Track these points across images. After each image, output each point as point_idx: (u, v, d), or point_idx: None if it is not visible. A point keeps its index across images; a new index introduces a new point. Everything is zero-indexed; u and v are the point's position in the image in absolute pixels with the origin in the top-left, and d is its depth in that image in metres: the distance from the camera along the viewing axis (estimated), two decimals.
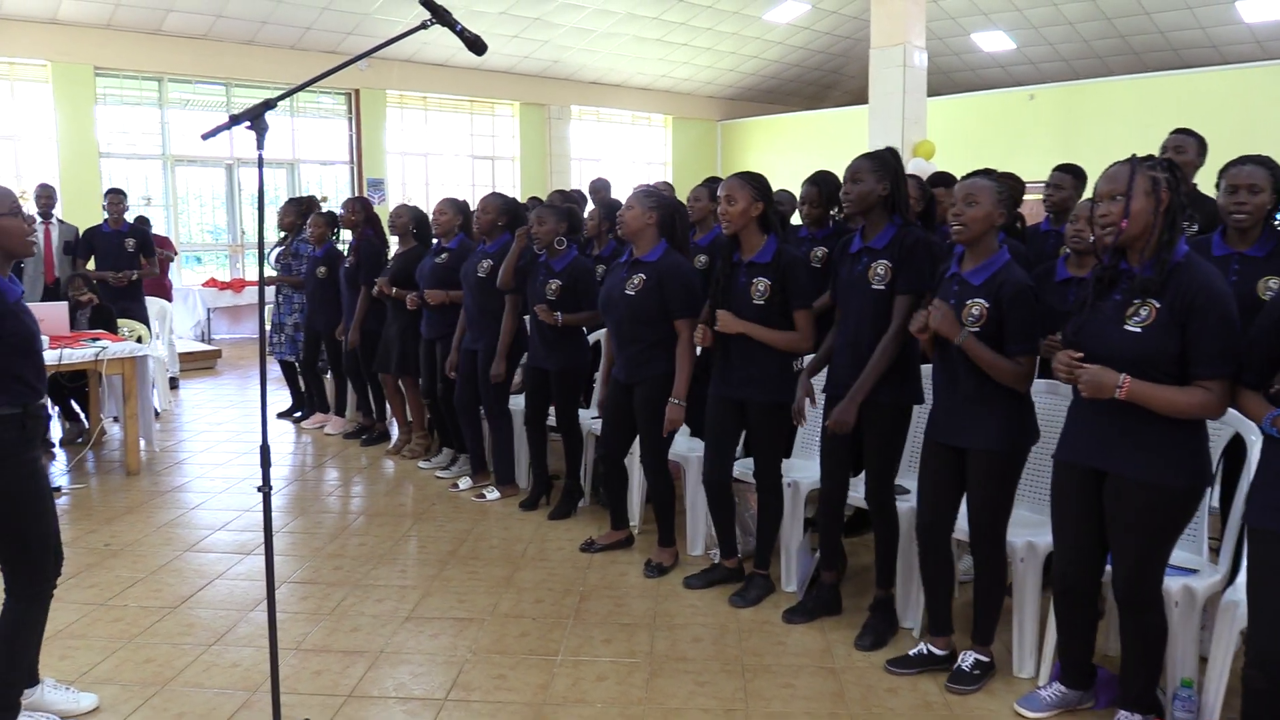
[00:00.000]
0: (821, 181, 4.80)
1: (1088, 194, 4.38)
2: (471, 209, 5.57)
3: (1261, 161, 3.39)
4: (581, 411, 5.17)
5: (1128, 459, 2.69)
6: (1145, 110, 12.68)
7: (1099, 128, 13.05)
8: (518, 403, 5.36)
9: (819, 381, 3.77)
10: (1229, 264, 3.42)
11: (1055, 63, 15.74)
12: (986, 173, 3.39)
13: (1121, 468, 2.71)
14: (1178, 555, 3.09)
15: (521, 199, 9.11)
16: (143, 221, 9.67)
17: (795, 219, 6.00)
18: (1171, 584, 2.89)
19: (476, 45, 2.86)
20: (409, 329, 5.92)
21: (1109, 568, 2.89)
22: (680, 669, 3.35)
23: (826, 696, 3.17)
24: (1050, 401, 3.52)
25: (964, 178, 3.34)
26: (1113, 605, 3.35)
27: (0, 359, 2.71)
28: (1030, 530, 3.37)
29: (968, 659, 3.25)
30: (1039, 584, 3.31)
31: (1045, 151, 12.75)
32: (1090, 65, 15.40)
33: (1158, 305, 2.61)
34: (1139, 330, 2.62)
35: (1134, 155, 2.72)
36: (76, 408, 6.82)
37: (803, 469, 4.15)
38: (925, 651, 3.35)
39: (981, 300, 3.06)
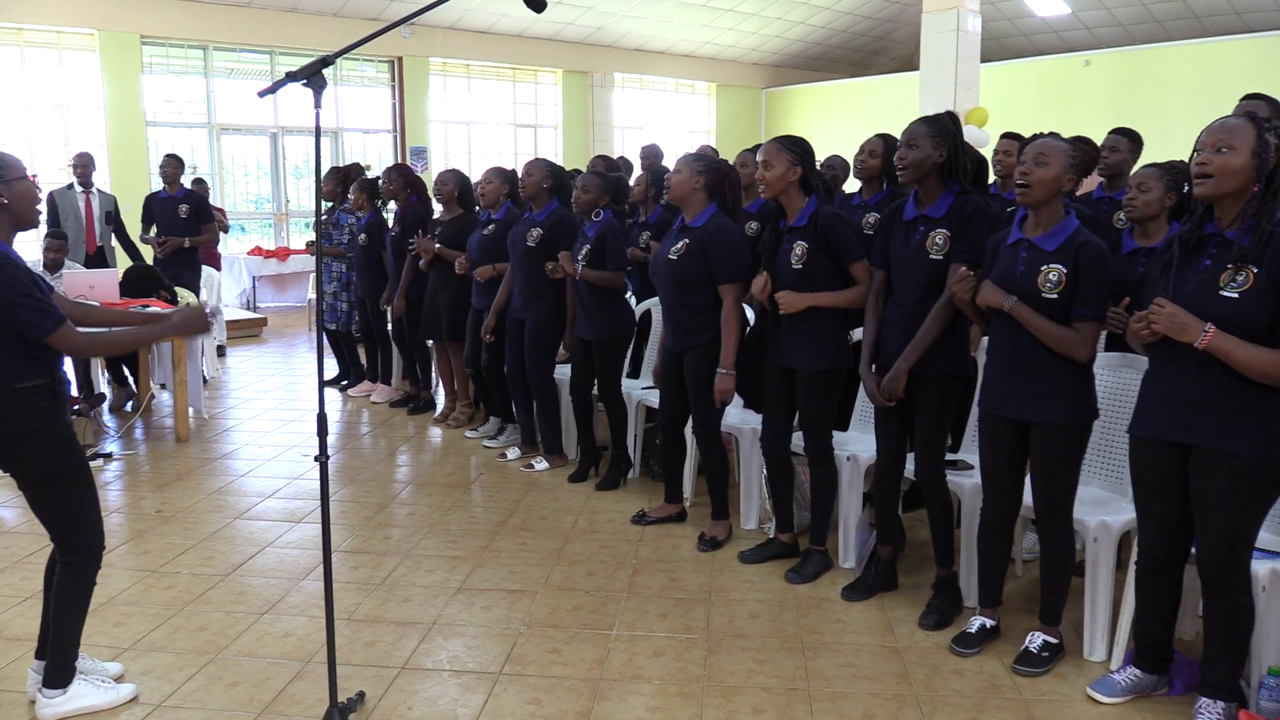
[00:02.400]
0: (889, 138, 4.69)
1: (1143, 160, 4.24)
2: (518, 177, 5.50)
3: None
4: (627, 381, 5.09)
5: (1217, 431, 2.58)
6: (1207, 77, 12.27)
7: (1158, 95, 12.66)
8: (564, 373, 5.29)
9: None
10: None
11: (1112, 28, 15.28)
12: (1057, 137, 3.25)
13: (1210, 440, 2.59)
14: (1265, 538, 2.97)
15: (565, 167, 9.00)
16: (200, 186, 9.71)
17: (848, 186, 5.87)
18: (1259, 567, 2.76)
19: (536, 2, 2.77)
20: (460, 296, 5.87)
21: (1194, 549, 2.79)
22: (738, 646, 3.28)
23: (890, 677, 3.08)
24: (1118, 376, 3.39)
25: (1032, 137, 3.22)
26: (1189, 588, 3.24)
27: None
28: (1104, 509, 3.25)
29: (1035, 640, 3.14)
30: (1112, 564, 3.19)
31: (1101, 119, 12.37)
32: (1148, 30, 14.93)
33: (1254, 270, 2.51)
34: (1236, 295, 2.52)
35: (1250, 111, 2.61)
36: (126, 373, 6.87)
37: (861, 442, 4.04)
38: (986, 625, 3.26)
39: (1059, 265, 2.94)
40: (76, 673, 2.88)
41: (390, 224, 6.62)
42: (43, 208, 2.92)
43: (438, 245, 5.78)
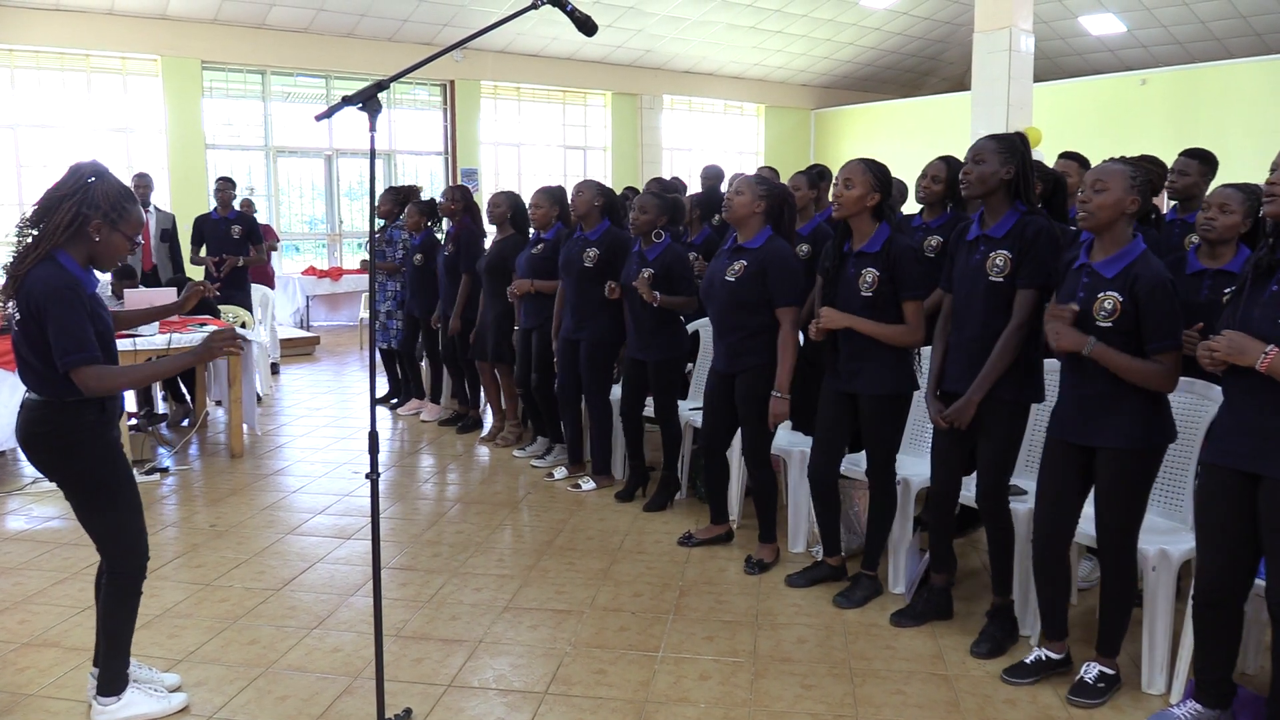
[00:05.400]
0: (953, 161, 4.64)
1: (1217, 181, 4.14)
2: (567, 198, 5.54)
3: None
4: (679, 403, 5.08)
5: None
6: (1268, 94, 12.04)
7: (1217, 113, 12.44)
8: (615, 393, 5.30)
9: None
10: None
11: (1169, 46, 15.06)
12: (1122, 159, 3.19)
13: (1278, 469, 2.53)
14: None
15: (614, 189, 9.05)
16: (247, 205, 9.92)
17: (905, 208, 5.84)
18: None
19: (587, 25, 2.80)
20: (504, 317, 5.92)
21: (1258, 580, 2.70)
22: (785, 670, 3.24)
23: (940, 705, 3.02)
24: (1190, 401, 3.30)
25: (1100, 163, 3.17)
26: (1255, 621, 3.15)
27: None
28: (1163, 537, 3.17)
29: (1091, 671, 3.07)
30: (1172, 594, 3.10)
31: (1158, 139, 12.21)
32: (1207, 48, 14.69)
33: None
34: None
35: None
36: (184, 389, 7.01)
37: (912, 466, 3.99)
38: (1042, 657, 3.18)
39: (1114, 294, 2.87)
40: (130, 681, 2.94)
41: (443, 243, 6.68)
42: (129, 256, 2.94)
43: (533, 283, 5.53)
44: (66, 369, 2.63)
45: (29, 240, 2.71)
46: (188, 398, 7.03)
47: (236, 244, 7.81)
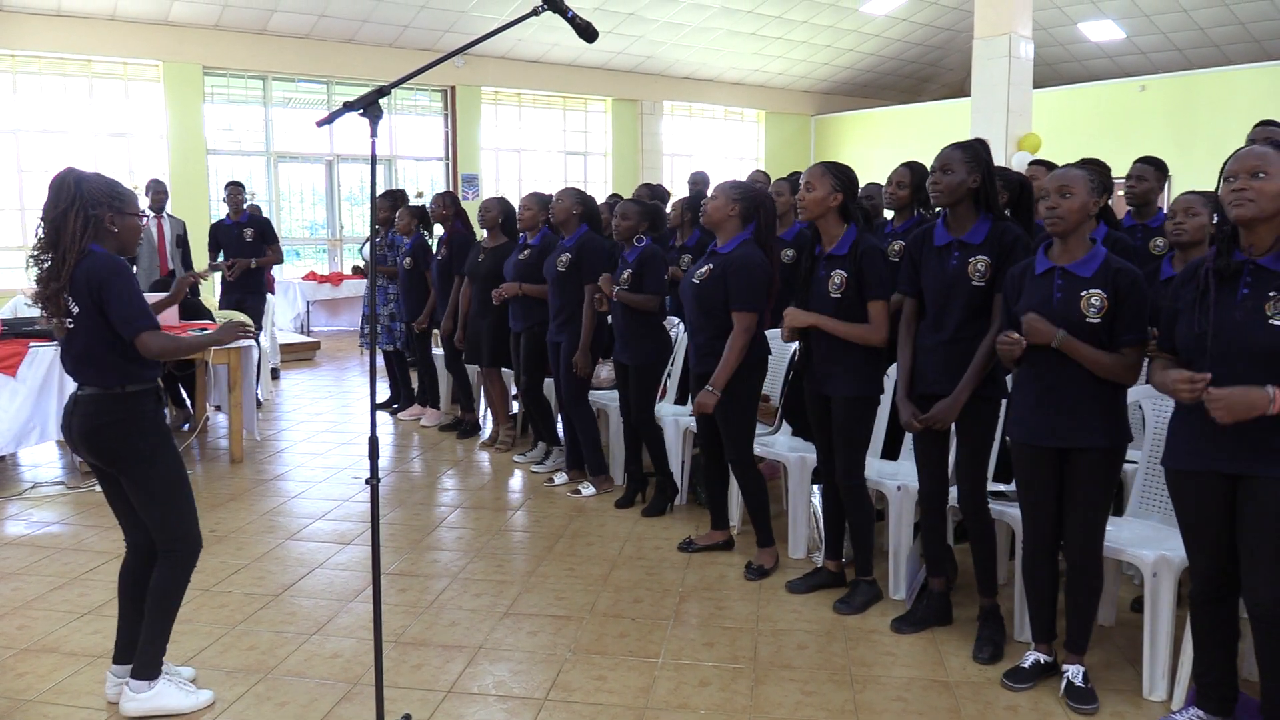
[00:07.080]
0: (916, 166, 4.70)
1: (1179, 189, 4.22)
2: None
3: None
4: (674, 406, 5.09)
5: (1268, 459, 2.53)
6: (1267, 101, 12.03)
7: (1215, 120, 12.44)
8: (614, 397, 5.32)
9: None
10: None
11: (1168, 52, 15.08)
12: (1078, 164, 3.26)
13: (1261, 468, 2.54)
14: None
15: (619, 194, 9.07)
16: (254, 210, 9.93)
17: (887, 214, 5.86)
18: None
19: (587, 31, 2.80)
20: (500, 323, 5.93)
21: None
22: (786, 677, 3.24)
23: (941, 711, 3.01)
24: (1170, 405, 3.31)
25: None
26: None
27: None
28: (1162, 543, 3.17)
29: (1078, 674, 3.07)
30: (1172, 600, 3.10)
31: (1156, 145, 12.18)
32: (1206, 54, 14.71)
33: None
34: None
35: (1273, 139, 2.62)
36: (185, 395, 7.01)
37: (912, 473, 3.98)
38: (1041, 661, 3.18)
39: (1099, 290, 2.93)
40: (162, 671, 2.98)
41: (435, 248, 6.73)
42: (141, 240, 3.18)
43: (521, 286, 5.54)
44: (134, 334, 2.80)
45: (50, 259, 2.82)
46: (188, 402, 7.03)
47: (250, 247, 7.83)
